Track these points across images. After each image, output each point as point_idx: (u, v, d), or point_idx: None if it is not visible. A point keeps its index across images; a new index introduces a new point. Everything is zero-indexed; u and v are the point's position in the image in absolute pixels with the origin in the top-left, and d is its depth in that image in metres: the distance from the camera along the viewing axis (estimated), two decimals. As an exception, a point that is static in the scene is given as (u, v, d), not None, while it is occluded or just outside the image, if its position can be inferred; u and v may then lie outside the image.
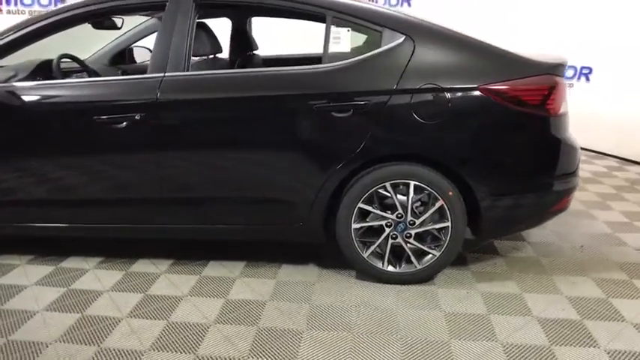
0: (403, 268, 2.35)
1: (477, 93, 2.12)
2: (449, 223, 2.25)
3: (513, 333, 2.00)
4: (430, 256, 2.32)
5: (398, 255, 2.35)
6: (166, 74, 2.24)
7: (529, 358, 1.84)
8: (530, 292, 2.31)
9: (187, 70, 2.25)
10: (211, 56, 2.67)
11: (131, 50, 3.66)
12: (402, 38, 2.19)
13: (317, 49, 2.60)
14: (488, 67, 2.17)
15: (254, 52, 3.35)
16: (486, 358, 1.85)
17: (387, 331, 2.01)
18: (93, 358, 1.84)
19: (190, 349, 1.90)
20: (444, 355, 1.87)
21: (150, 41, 3.64)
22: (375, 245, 2.32)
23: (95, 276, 2.45)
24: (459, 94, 2.14)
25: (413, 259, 2.32)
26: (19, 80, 2.47)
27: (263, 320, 2.08)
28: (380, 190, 2.23)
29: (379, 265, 2.35)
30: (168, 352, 1.88)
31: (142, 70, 2.94)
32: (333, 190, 2.26)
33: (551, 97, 2.15)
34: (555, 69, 2.20)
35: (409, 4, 5.80)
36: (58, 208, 2.45)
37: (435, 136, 2.17)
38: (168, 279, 2.41)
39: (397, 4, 5.89)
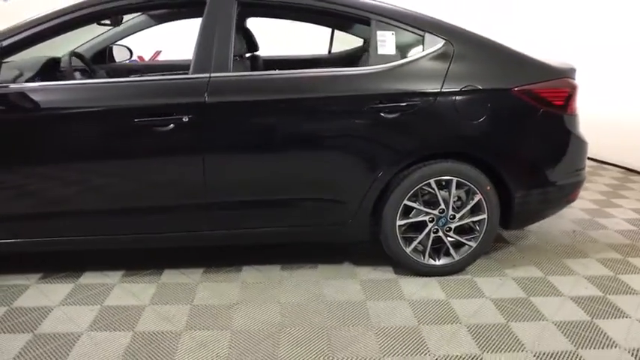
0: (442, 261, 2.48)
1: (510, 94, 2.31)
2: (485, 216, 2.41)
3: (558, 312, 2.21)
4: (466, 247, 2.47)
5: (436, 249, 2.48)
6: (212, 75, 2.16)
7: (577, 332, 2.06)
8: (553, 275, 2.55)
9: (231, 71, 2.19)
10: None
11: (111, 49, 3.42)
12: (442, 42, 2.31)
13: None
14: (518, 70, 2.37)
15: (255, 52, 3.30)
16: (544, 335, 2.03)
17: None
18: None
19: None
20: (507, 338, 2.02)
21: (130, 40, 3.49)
22: (418, 240, 2.42)
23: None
24: (496, 95, 2.31)
25: (452, 251, 2.46)
26: (29, 80, 2.23)
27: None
28: (424, 187, 2.34)
29: (421, 259, 2.46)
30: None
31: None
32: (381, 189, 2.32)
33: (572, 98, 2.40)
34: (571, 73, 2.46)
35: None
36: (92, 218, 2.24)
37: (476, 134, 2.32)
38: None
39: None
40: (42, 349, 1.88)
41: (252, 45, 3.20)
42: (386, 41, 2.29)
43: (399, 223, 2.37)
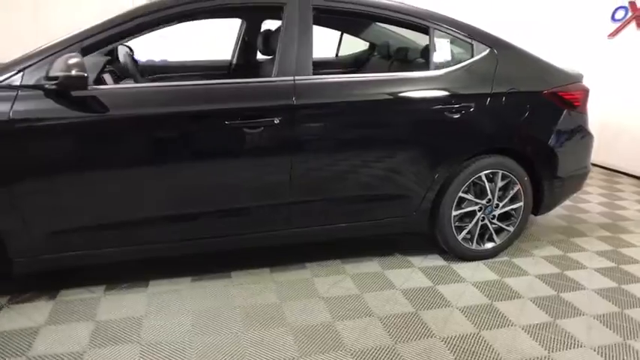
0: (487, 245, 2.77)
1: (542, 96, 2.66)
2: (522, 203, 2.74)
3: (595, 282, 2.60)
4: (505, 232, 2.79)
5: (480, 235, 2.75)
6: (296, 78, 2.22)
7: (608, 289, 2.45)
8: (571, 252, 2.96)
9: (312, 74, 2.27)
10: None
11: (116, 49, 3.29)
12: (487, 50, 2.59)
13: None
14: (546, 75, 2.72)
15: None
16: (579, 302, 2.40)
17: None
18: None
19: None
20: (559, 303, 2.35)
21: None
22: (469, 227, 2.68)
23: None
24: (531, 97, 2.64)
25: (494, 236, 2.76)
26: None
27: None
28: (475, 180, 2.61)
29: (470, 245, 2.72)
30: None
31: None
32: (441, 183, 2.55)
33: (586, 99, 2.82)
34: (581, 78, 2.88)
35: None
36: (178, 223, 2.18)
37: (518, 131, 2.63)
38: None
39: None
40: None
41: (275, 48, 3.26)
42: (442, 47, 2.52)
43: (454, 213, 2.62)
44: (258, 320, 2.11)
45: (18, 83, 1.90)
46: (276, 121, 2.16)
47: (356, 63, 3.74)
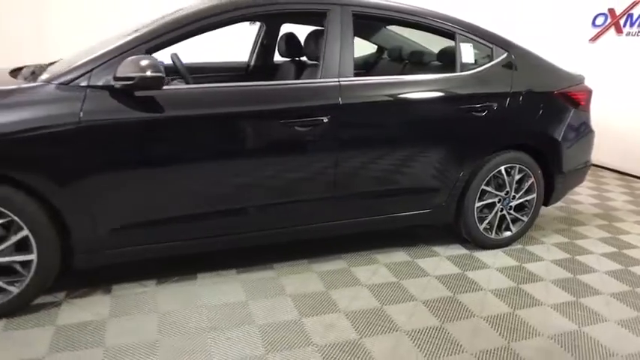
0: (503, 235, 2.98)
1: (553, 96, 2.90)
2: (535, 195, 2.97)
3: (604, 265, 2.85)
4: (520, 222, 3.01)
5: (497, 225, 2.97)
6: (341, 79, 2.37)
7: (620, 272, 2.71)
8: (577, 240, 3.22)
9: (353, 75, 2.42)
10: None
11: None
12: (505, 53, 2.81)
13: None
14: (555, 77, 2.97)
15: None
16: (590, 287, 2.65)
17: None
18: None
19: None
20: (574, 284, 2.58)
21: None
22: (490, 218, 2.88)
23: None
24: (545, 97, 2.88)
25: (511, 225, 2.98)
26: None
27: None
28: (495, 174, 2.82)
29: (489, 234, 2.93)
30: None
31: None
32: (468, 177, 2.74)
33: (590, 99, 3.08)
34: (583, 79, 3.14)
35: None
36: (233, 217, 2.28)
37: (533, 128, 2.86)
38: None
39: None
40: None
41: (299, 50, 3.40)
42: (467, 51, 2.72)
43: (476, 205, 2.82)
44: (309, 305, 2.25)
45: (85, 84, 1.97)
46: (325, 120, 2.30)
47: (365, 65, 3.90)
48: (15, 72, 2.46)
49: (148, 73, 1.89)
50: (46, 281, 2.05)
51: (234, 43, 4.21)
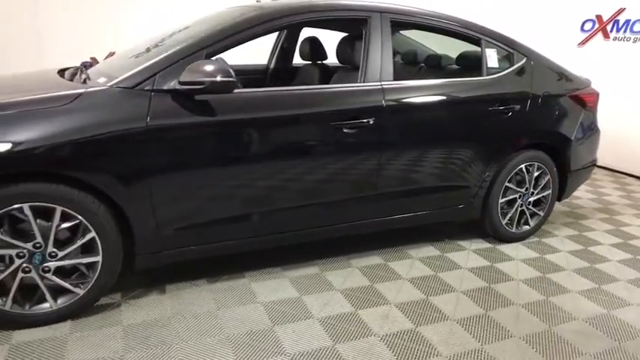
0: (522, 229, 3.17)
1: (566, 98, 3.11)
2: (550, 191, 3.17)
3: (615, 255, 3.07)
4: (537, 216, 3.20)
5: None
6: (383, 83, 2.48)
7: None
8: (585, 232, 3.44)
9: (393, 79, 2.54)
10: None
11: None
12: (524, 59, 2.99)
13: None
14: (567, 80, 3.17)
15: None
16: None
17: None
18: None
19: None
20: (594, 273, 2.78)
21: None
22: (511, 213, 3.06)
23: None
24: (559, 99, 3.08)
25: (529, 220, 3.16)
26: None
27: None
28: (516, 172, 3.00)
29: (511, 229, 3.11)
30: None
31: None
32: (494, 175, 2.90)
33: (597, 101, 3.30)
34: (590, 82, 3.36)
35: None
36: (286, 216, 2.36)
37: (551, 128, 3.05)
38: None
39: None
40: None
41: (322, 54, 3.50)
42: (491, 57, 2.89)
43: (500, 200, 2.99)
44: (360, 298, 2.35)
45: (150, 88, 2.01)
46: (371, 122, 2.41)
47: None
48: (62, 73, 2.49)
49: (219, 78, 1.95)
50: (109, 282, 2.09)
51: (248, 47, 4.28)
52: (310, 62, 3.45)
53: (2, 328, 1.96)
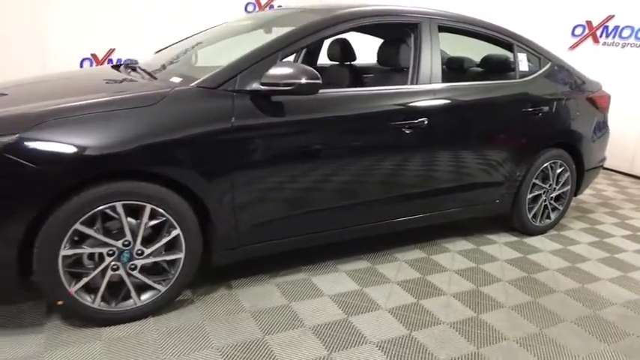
0: (545, 223, 3.38)
1: (584, 100, 3.34)
2: (569, 187, 3.40)
3: (629, 246, 3.32)
4: (556, 211, 3.43)
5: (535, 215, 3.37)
6: (433, 85, 2.61)
7: (648, 255, 3.19)
8: (596, 225, 3.69)
9: (442, 81, 2.67)
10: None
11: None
12: (549, 63, 3.20)
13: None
14: (584, 83, 3.41)
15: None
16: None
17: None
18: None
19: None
20: (613, 260, 3.02)
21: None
22: (536, 208, 3.27)
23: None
24: (580, 101, 3.31)
25: (551, 214, 3.38)
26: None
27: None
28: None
29: (535, 222, 3.31)
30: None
31: None
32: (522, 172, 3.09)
33: (609, 103, 3.56)
34: (602, 86, 3.62)
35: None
36: (346, 211, 2.46)
37: (573, 128, 3.27)
38: None
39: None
40: None
41: (352, 55, 3.61)
42: (523, 61, 3.08)
43: (528, 196, 3.19)
44: (418, 291, 2.48)
45: (232, 88, 2.07)
46: (425, 122, 2.54)
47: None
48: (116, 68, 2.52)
49: (304, 80, 2.03)
50: (188, 279, 2.13)
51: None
52: (338, 63, 3.57)
53: (90, 325, 1.98)
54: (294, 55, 3.93)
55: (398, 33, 2.70)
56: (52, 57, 5.21)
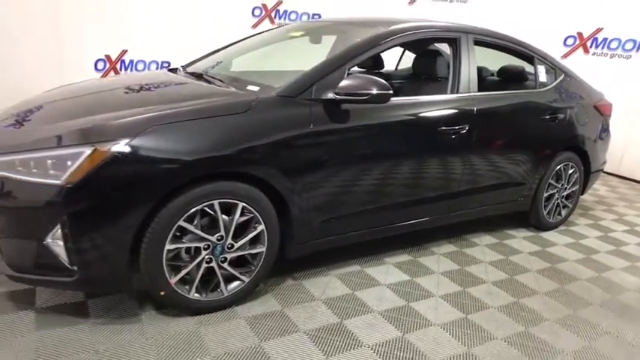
0: (556, 219, 3.72)
1: (592, 108, 3.70)
2: (577, 187, 3.75)
3: (633, 239, 3.69)
4: (566, 208, 3.77)
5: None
6: (472, 93, 2.89)
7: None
8: (600, 221, 4.06)
9: (477, 90, 2.95)
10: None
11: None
12: (563, 74, 3.54)
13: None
14: (590, 92, 3.76)
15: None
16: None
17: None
18: None
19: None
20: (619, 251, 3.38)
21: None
22: (550, 205, 3.59)
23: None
24: (589, 108, 3.66)
25: (562, 211, 3.72)
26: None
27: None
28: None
29: (550, 219, 3.64)
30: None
31: None
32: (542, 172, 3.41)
33: (611, 110, 3.93)
34: (604, 95, 3.98)
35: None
36: (401, 209, 2.72)
37: (583, 133, 3.61)
38: None
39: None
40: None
41: (381, 63, 3.87)
42: (542, 72, 3.39)
43: (545, 195, 3.51)
44: (461, 280, 2.75)
45: (309, 97, 2.29)
46: (466, 127, 2.81)
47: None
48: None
49: (375, 91, 2.25)
50: (267, 271, 2.33)
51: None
52: (365, 70, 3.83)
53: (184, 313, 2.16)
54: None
55: (434, 46, 2.98)
56: (69, 59, 5.27)
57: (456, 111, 2.81)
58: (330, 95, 2.30)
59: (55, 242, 1.86)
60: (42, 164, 1.86)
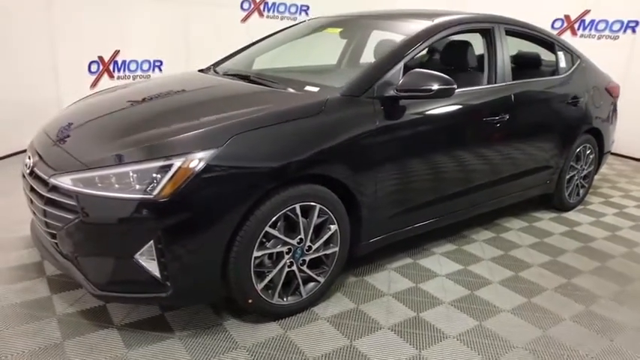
0: (576, 200, 3.88)
1: (604, 90, 3.85)
2: (593, 167, 3.92)
3: (642, 213, 3.90)
4: (584, 189, 3.94)
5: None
6: (507, 82, 2.97)
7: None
8: (611, 199, 4.26)
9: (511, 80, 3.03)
10: None
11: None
12: (579, 60, 3.67)
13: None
14: (603, 76, 3.92)
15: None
16: None
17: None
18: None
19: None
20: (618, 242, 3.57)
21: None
22: (571, 187, 3.75)
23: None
24: (602, 91, 3.82)
25: (581, 191, 3.89)
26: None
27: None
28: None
29: (570, 200, 3.80)
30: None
31: None
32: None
33: (619, 93, 4.11)
34: (610, 77, 4.15)
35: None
36: (452, 199, 2.79)
37: (598, 116, 3.77)
38: None
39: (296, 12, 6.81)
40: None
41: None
42: (562, 58, 3.51)
43: (567, 176, 3.66)
44: (508, 265, 2.85)
45: (372, 95, 2.30)
46: (507, 116, 2.89)
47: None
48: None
49: (436, 86, 2.27)
50: (340, 271, 2.34)
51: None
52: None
53: (266, 319, 2.17)
54: (341, 54, 4.16)
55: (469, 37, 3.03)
56: (62, 60, 5.04)
57: (498, 100, 2.89)
58: (392, 92, 2.32)
59: (147, 258, 1.82)
60: (125, 179, 1.81)
